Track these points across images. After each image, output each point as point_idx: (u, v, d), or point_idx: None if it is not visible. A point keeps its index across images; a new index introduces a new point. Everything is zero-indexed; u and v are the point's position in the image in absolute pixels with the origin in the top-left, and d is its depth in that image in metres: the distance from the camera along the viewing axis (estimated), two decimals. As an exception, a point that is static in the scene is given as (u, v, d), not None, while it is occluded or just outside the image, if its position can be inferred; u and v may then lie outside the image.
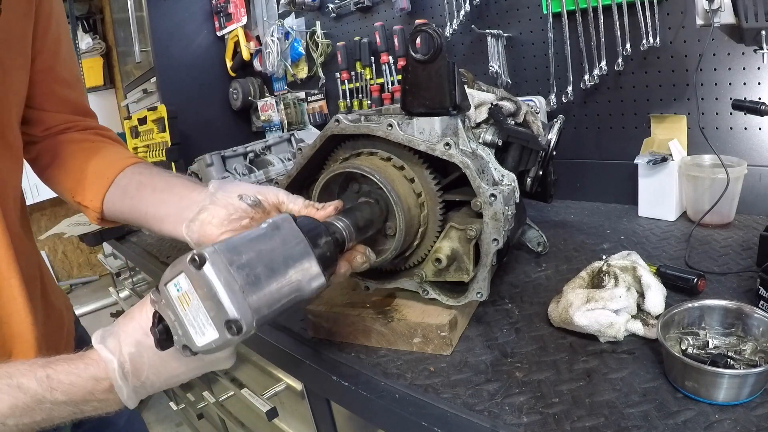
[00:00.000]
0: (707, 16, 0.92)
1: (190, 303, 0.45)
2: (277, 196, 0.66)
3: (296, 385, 1.03)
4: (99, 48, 3.87)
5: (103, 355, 0.50)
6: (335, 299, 0.85)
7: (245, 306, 0.44)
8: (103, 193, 0.75)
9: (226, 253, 0.45)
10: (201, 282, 0.44)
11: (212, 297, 0.44)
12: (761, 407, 0.56)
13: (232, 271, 0.44)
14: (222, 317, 0.44)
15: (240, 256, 0.46)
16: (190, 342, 0.46)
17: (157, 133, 2.18)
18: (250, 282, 0.45)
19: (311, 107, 2.13)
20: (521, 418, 0.59)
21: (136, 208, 0.73)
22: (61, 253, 4.02)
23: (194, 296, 0.45)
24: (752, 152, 1.11)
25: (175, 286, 0.45)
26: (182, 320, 0.46)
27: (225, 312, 0.44)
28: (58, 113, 0.80)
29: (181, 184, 0.71)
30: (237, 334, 0.44)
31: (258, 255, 0.47)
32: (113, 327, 0.52)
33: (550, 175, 0.97)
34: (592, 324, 0.69)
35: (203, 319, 0.45)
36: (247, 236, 0.49)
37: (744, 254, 0.92)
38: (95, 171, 0.77)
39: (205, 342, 0.46)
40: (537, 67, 1.41)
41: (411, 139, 0.71)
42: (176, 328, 0.47)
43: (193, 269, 0.44)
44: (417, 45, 0.70)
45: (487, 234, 0.70)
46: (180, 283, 0.45)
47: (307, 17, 2.04)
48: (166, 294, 0.46)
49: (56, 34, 0.76)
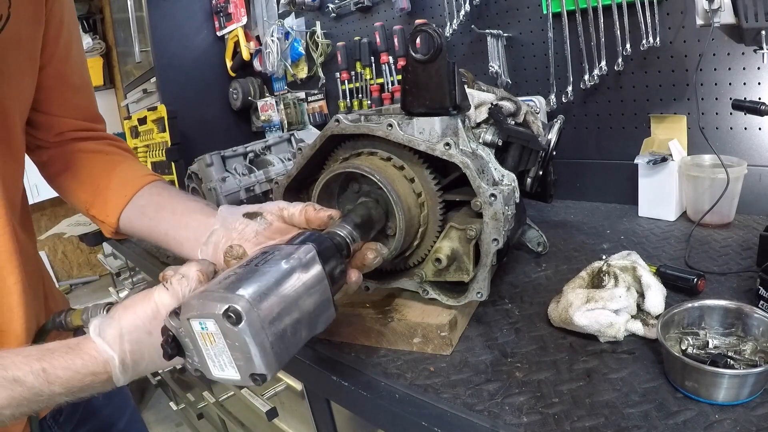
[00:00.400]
0: (707, 16, 0.91)
1: (214, 343, 0.45)
2: (277, 204, 0.69)
3: (296, 385, 1.03)
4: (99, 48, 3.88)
5: (103, 349, 0.49)
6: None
7: (273, 361, 0.45)
8: (120, 210, 0.77)
9: (259, 309, 0.44)
10: (233, 336, 0.44)
11: (242, 351, 0.44)
12: (761, 407, 0.56)
13: (265, 330, 0.44)
14: (249, 370, 0.45)
15: (271, 309, 0.45)
16: (205, 370, 0.46)
17: (157, 133, 2.18)
18: (278, 336, 0.46)
19: (311, 107, 2.14)
20: (521, 418, 0.59)
21: (154, 228, 0.75)
22: (61, 253, 4.03)
23: (221, 341, 0.44)
24: (752, 152, 1.11)
25: (200, 324, 0.45)
26: (202, 353, 0.46)
27: (253, 366, 0.44)
28: (68, 118, 0.81)
29: (200, 209, 0.74)
30: (260, 383, 0.45)
31: (286, 304, 0.47)
32: (111, 317, 0.51)
33: (550, 175, 0.97)
34: (592, 324, 0.69)
35: (226, 360, 0.45)
36: (277, 280, 0.48)
37: (744, 254, 0.92)
38: (112, 187, 0.78)
39: (223, 377, 0.46)
40: (537, 67, 1.41)
41: (411, 139, 0.71)
42: (192, 355, 0.46)
43: (227, 323, 0.43)
44: (417, 45, 0.70)
45: (487, 234, 0.70)
46: (207, 325, 0.44)
47: (307, 17, 2.04)
48: (187, 326, 0.45)
49: (67, 40, 0.76)
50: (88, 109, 0.85)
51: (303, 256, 0.51)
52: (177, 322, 0.46)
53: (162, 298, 0.50)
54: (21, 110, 0.70)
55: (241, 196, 1.48)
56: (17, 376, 0.46)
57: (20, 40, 0.65)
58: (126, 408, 0.94)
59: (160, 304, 0.50)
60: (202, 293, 0.46)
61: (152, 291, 0.52)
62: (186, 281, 0.51)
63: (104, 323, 0.50)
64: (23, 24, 0.65)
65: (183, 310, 0.45)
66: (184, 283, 0.51)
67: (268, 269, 0.48)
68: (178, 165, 2.08)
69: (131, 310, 0.51)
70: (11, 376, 0.46)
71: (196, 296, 0.46)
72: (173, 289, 0.51)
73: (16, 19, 0.63)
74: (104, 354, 0.48)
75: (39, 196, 3.48)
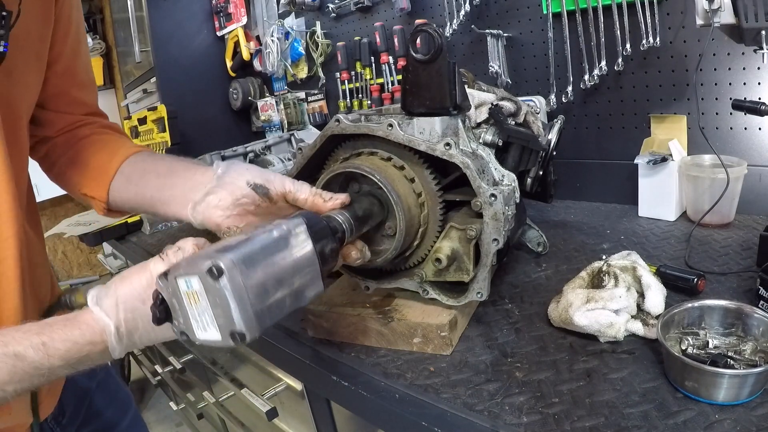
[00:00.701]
0: (707, 16, 0.91)
1: (198, 302, 0.46)
2: (283, 185, 0.67)
3: (296, 385, 1.02)
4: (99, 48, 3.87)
5: (100, 317, 0.50)
6: (335, 299, 0.85)
7: (253, 320, 0.46)
8: (108, 183, 0.76)
9: (242, 268, 0.45)
10: (214, 292, 0.45)
11: (223, 307, 0.45)
12: (761, 407, 0.56)
13: (246, 286, 0.45)
14: (228, 327, 0.46)
15: (255, 270, 0.47)
16: (189, 332, 0.48)
17: (157, 133, 2.19)
18: (260, 297, 0.47)
19: (311, 107, 2.13)
20: (521, 418, 0.59)
21: (140, 194, 0.74)
22: (61, 253, 4.03)
23: (204, 299, 0.46)
24: (752, 152, 1.11)
25: (185, 283, 0.46)
26: (186, 313, 0.47)
27: (233, 323, 0.45)
28: (71, 115, 0.81)
29: (184, 167, 0.73)
30: (240, 342, 0.46)
31: (271, 269, 0.48)
32: (108, 287, 0.52)
33: (550, 175, 0.97)
34: (592, 324, 0.69)
35: (208, 319, 0.46)
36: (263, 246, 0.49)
37: (744, 254, 0.92)
38: (99, 162, 0.78)
39: (206, 338, 0.47)
40: (537, 67, 1.41)
41: (411, 139, 0.71)
42: (178, 316, 0.48)
43: (209, 278, 0.44)
44: (417, 45, 0.70)
45: (487, 234, 0.70)
46: (192, 283, 0.46)
47: (307, 17, 2.04)
48: (174, 285, 0.47)
49: (75, 38, 0.76)
50: (91, 105, 0.85)
51: (292, 226, 0.53)
52: (165, 283, 0.47)
53: (157, 268, 0.52)
54: (28, 107, 0.70)
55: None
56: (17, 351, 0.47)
57: (30, 38, 0.66)
58: (128, 409, 0.94)
59: (155, 272, 0.51)
60: (191, 256, 0.49)
61: (148, 262, 0.53)
62: (182, 253, 0.52)
63: (101, 293, 0.52)
64: (33, 21, 0.65)
65: (171, 271, 0.47)
66: (180, 254, 0.52)
67: (257, 236, 0.50)
68: (178, 165, 2.07)
69: (127, 280, 0.52)
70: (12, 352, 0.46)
71: (185, 259, 0.48)
72: (168, 260, 0.52)
73: (26, 16, 0.63)
74: (101, 322, 0.50)
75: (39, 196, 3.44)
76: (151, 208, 0.74)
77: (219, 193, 0.66)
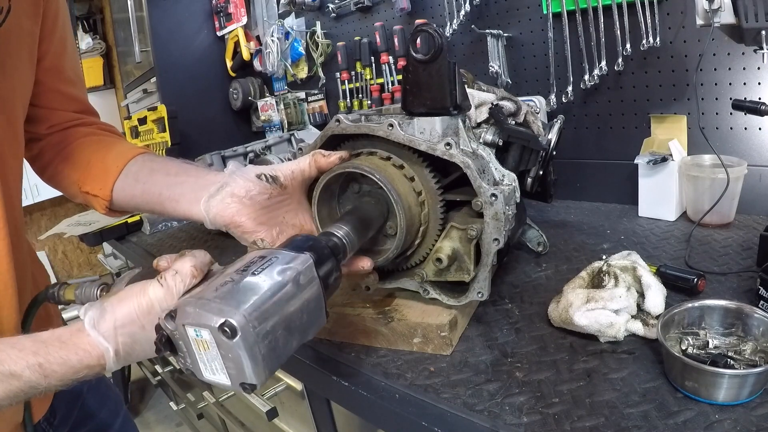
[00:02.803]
0: (707, 16, 0.91)
1: (208, 350, 0.45)
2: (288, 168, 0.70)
3: (296, 385, 1.03)
4: (99, 48, 3.87)
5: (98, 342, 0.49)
6: (335, 299, 0.85)
7: (263, 371, 0.46)
8: (113, 181, 0.76)
9: (255, 324, 0.45)
10: (227, 347, 0.44)
11: (234, 361, 0.45)
12: (761, 407, 0.56)
13: (259, 343, 0.45)
14: (239, 379, 0.45)
15: (267, 323, 0.46)
16: (197, 371, 0.47)
17: (157, 133, 2.18)
18: (271, 347, 0.46)
19: (311, 107, 2.13)
20: (521, 418, 0.59)
21: (149, 192, 0.74)
22: (61, 253, 4.03)
23: (215, 350, 0.45)
24: (752, 152, 1.11)
25: (195, 332, 0.45)
26: (195, 357, 0.46)
27: (245, 377, 0.45)
28: (62, 111, 0.81)
29: (195, 168, 0.74)
30: (249, 391, 0.46)
31: (283, 318, 0.48)
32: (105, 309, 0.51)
33: (550, 175, 0.97)
34: (592, 324, 0.69)
35: (218, 366, 0.46)
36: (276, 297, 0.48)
37: (744, 254, 0.92)
38: (104, 160, 0.78)
39: (214, 380, 0.47)
40: (537, 67, 1.41)
41: (412, 139, 0.71)
42: (185, 356, 0.47)
43: (221, 336, 0.44)
44: (417, 45, 0.70)
45: (487, 234, 0.70)
46: (202, 334, 0.45)
47: (307, 17, 2.04)
48: (182, 331, 0.46)
49: (62, 33, 0.76)
50: (82, 101, 0.85)
51: (300, 267, 0.51)
52: (172, 324, 0.46)
53: (156, 294, 0.51)
54: (22, 104, 0.70)
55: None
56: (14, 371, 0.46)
57: (21, 33, 0.65)
58: (120, 410, 0.94)
59: (154, 299, 0.50)
60: (198, 300, 0.46)
61: (147, 285, 0.52)
62: (180, 277, 0.51)
63: (97, 314, 0.50)
64: (23, 17, 0.65)
65: (179, 315, 0.46)
66: (178, 279, 0.51)
67: (265, 280, 0.48)
68: (178, 165, 2.07)
69: (126, 303, 0.51)
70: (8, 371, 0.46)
71: (192, 302, 0.46)
72: (167, 285, 0.51)
73: (16, 11, 0.63)
74: (100, 347, 0.49)
75: (39, 196, 3.48)
76: (159, 206, 0.73)
77: (233, 185, 0.67)
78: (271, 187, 0.68)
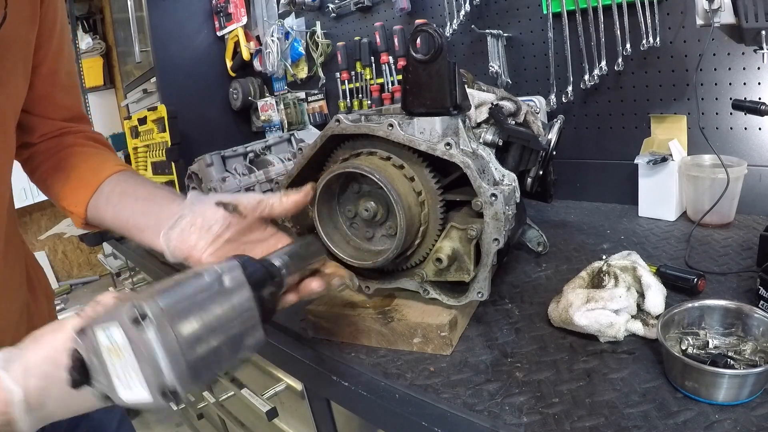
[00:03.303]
0: (707, 16, 0.91)
1: (121, 357, 0.41)
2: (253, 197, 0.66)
3: (296, 385, 1.02)
4: (99, 48, 3.87)
5: (6, 385, 0.44)
6: (335, 299, 0.85)
7: (185, 373, 0.41)
8: (87, 200, 0.75)
9: (170, 313, 0.41)
10: (139, 342, 0.40)
11: (150, 360, 0.40)
12: (761, 407, 0.56)
13: (175, 334, 0.40)
14: (157, 383, 0.40)
15: (185, 316, 0.42)
16: (112, 393, 0.42)
17: (157, 133, 2.18)
18: (191, 345, 0.42)
19: (311, 107, 2.13)
20: (521, 418, 0.59)
21: (117, 216, 0.72)
22: (61, 253, 4.02)
23: (128, 353, 0.40)
24: (752, 152, 1.11)
25: (106, 335, 0.41)
26: (108, 371, 0.41)
27: (162, 378, 0.40)
28: (53, 120, 0.80)
29: (163, 195, 0.71)
30: (171, 399, 0.41)
31: (204, 315, 0.44)
32: (19, 351, 0.46)
33: (550, 175, 0.97)
34: (592, 324, 0.69)
35: (133, 375, 0.41)
36: (194, 289, 0.45)
37: (744, 254, 0.92)
38: (81, 177, 0.76)
39: (132, 399, 0.42)
40: (537, 67, 1.41)
41: (412, 139, 0.71)
42: (99, 375, 0.42)
43: (132, 327, 0.39)
44: (417, 45, 0.70)
45: (487, 234, 0.70)
46: (113, 335, 0.40)
47: (307, 17, 2.04)
48: (92, 339, 0.41)
49: (60, 40, 0.75)
50: (74, 109, 0.84)
51: (225, 268, 0.49)
52: (83, 337, 0.42)
53: (75, 325, 0.45)
54: (14, 112, 0.70)
55: (241, 196, 1.48)
56: None
57: (17, 41, 0.65)
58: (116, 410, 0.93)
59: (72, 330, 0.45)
60: (113, 304, 0.43)
61: (66, 320, 0.47)
62: (101, 307, 0.46)
63: (11, 355, 0.45)
64: (19, 24, 0.65)
65: (89, 323, 0.42)
66: (99, 309, 0.46)
67: (187, 279, 0.46)
68: (178, 165, 2.07)
69: (40, 343, 0.46)
70: None
71: (106, 307, 0.43)
72: (86, 315, 0.45)
73: (12, 18, 0.62)
74: (7, 388, 0.44)
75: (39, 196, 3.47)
76: (127, 233, 0.72)
77: (191, 215, 0.64)
78: (231, 216, 0.64)
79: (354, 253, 0.78)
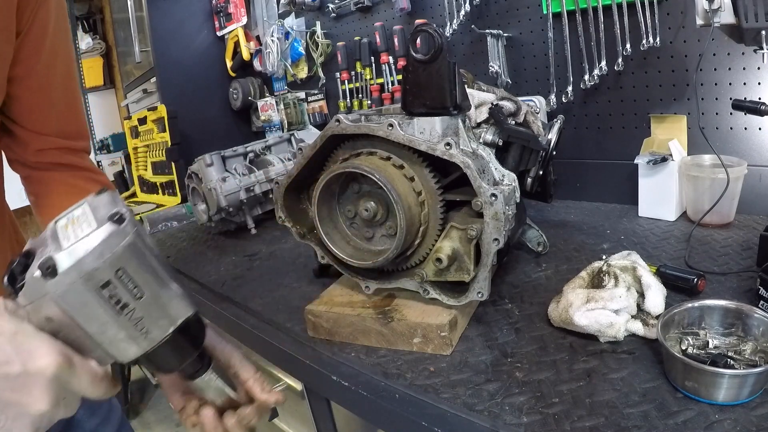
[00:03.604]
0: (707, 16, 0.91)
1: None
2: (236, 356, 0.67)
3: (296, 385, 1.02)
4: (99, 48, 3.88)
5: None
6: (335, 299, 0.85)
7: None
8: None
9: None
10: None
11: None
12: (761, 407, 0.56)
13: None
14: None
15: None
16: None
17: (157, 133, 2.19)
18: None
19: (311, 107, 2.13)
20: (521, 418, 0.59)
21: None
22: (61, 253, 4.02)
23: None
24: (752, 152, 1.11)
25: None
26: (58, 238, 0.43)
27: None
28: (48, 136, 0.78)
29: None
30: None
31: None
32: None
33: (550, 175, 0.97)
34: (592, 324, 0.69)
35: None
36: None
37: (744, 254, 0.92)
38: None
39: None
40: (537, 67, 1.41)
41: (412, 139, 0.71)
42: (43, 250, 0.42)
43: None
44: (417, 45, 0.71)
45: (487, 234, 0.70)
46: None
47: (307, 17, 2.04)
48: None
49: (51, 53, 0.73)
50: (71, 125, 0.81)
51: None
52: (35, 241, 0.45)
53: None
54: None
55: (241, 196, 1.48)
56: None
57: None
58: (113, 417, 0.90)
59: None
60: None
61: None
62: None
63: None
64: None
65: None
66: None
67: None
68: (178, 165, 2.08)
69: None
70: None
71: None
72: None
73: None
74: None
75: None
76: None
77: None
78: None
79: (354, 253, 0.78)
